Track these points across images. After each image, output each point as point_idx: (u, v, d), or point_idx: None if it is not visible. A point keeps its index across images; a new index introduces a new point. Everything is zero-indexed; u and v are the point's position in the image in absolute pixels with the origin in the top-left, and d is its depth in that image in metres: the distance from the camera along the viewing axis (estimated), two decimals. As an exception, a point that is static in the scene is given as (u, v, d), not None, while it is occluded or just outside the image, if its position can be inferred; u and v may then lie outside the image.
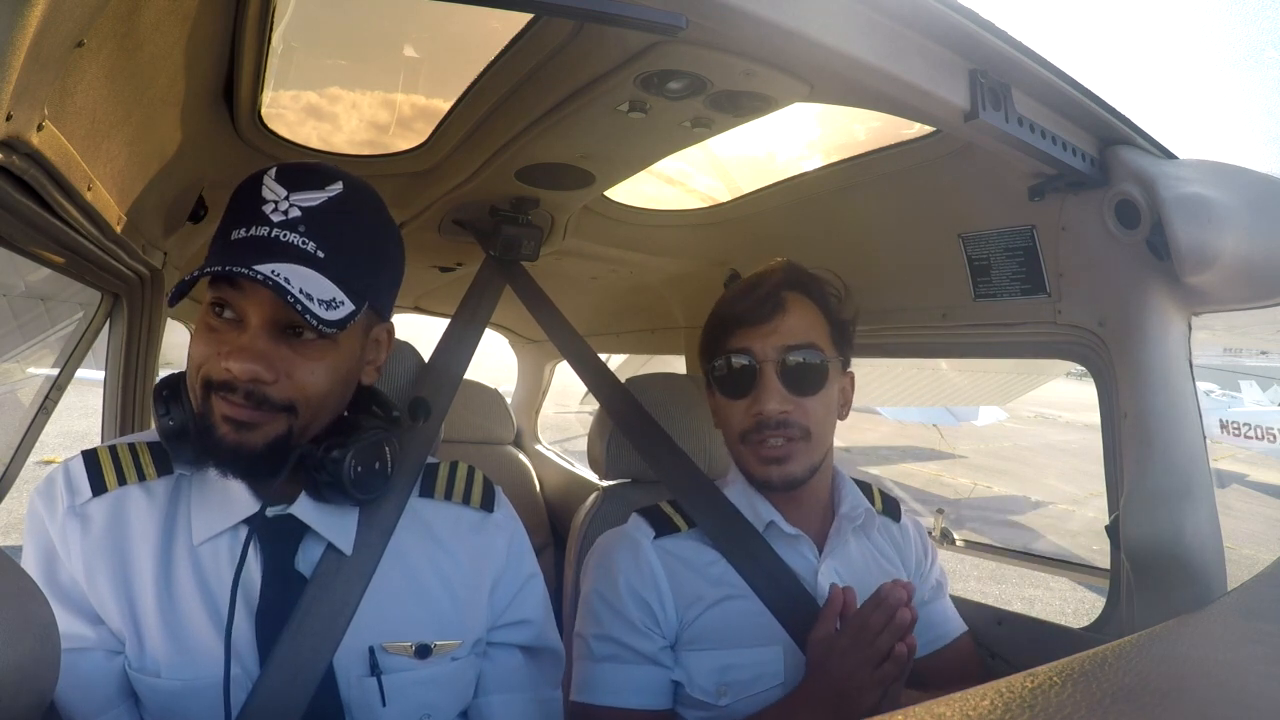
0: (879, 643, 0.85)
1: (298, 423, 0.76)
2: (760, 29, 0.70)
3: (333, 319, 0.71)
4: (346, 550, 0.82)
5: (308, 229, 0.73)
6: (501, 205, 1.50)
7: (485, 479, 0.97)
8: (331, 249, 0.74)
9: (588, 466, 1.61)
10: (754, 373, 1.03)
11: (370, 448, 0.81)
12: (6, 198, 0.74)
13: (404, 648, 0.82)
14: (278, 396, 0.74)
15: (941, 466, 12.27)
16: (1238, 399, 14.73)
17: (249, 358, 0.72)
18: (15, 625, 0.34)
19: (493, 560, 0.91)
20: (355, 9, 1.10)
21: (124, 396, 1.59)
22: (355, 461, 0.79)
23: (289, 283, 0.68)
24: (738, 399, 1.04)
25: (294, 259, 0.72)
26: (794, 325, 1.03)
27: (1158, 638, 0.64)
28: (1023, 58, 0.86)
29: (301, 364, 0.75)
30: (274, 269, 0.69)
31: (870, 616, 0.87)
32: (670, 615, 1.03)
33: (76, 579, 0.77)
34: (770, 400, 1.01)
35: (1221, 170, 0.97)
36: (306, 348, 0.75)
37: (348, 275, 0.75)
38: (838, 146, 1.35)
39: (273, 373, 0.73)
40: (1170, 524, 0.97)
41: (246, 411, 0.73)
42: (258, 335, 0.73)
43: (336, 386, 0.79)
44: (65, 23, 0.57)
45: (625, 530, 1.10)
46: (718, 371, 1.07)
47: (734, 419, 1.05)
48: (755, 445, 1.03)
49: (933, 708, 0.42)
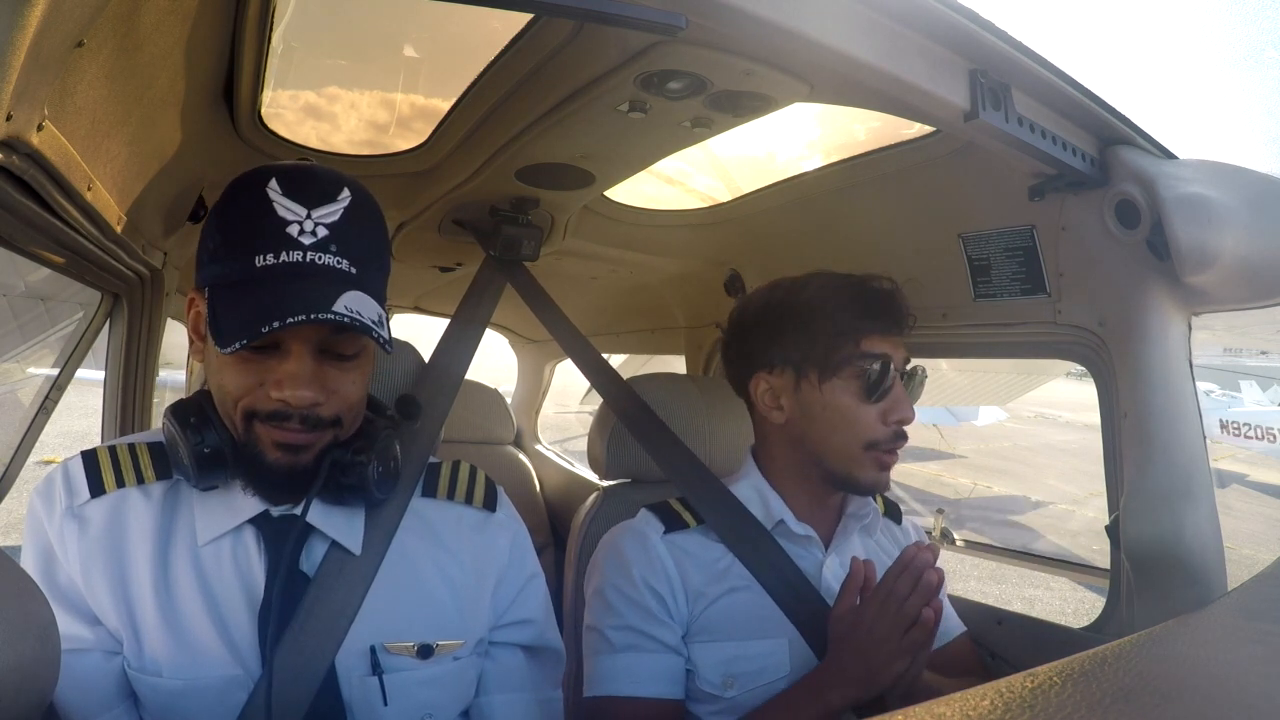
0: (907, 607, 0.86)
1: (342, 433, 0.79)
2: (760, 29, 0.70)
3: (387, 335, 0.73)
4: (355, 550, 0.82)
5: (338, 248, 0.73)
6: (501, 205, 1.50)
7: (487, 479, 0.97)
8: (358, 262, 0.74)
9: (588, 466, 1.61)
10: (893, 380, 1.03)
11: (386, 448, 0.82)
12: (6, 198, 0.74)
13: (406, 648, 0.81)
14: (328, 415, 0.76)
15: (941, 466, 12.26)
16: (1238, 399, 14.73)
17: (302, 385, 0.72)
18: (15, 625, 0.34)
19: (495, 560, 0.91)
20: (355, 9, 1.10)
21: (124, 396, 1.59)
22: (377, 463, 0.80)
23: (360, 314, 0.70)
24: (873, 404, 1.02)
25: (334, 281, 0.72)
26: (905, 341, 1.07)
27: (1158, 638, 0.64)
28: (1023, 58, 0.86)
29: (344, 379, 0.76)
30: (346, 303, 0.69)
31: (897, 581, 0.87)
32: (681, 607, 1.03)
33: (74, 579, 0.77)
34: (909, 410, 1.03)
35: (1221, 170, 0.97)
36: (346, 363, 0.76)
37: (373, 284, 0.76)
38: (838, 146, 1.35)
39: (324, 394, 0.74)
40: (1170, 524, 0.97)
41: (302, 435, 0.75)
42: (305, 361, 0.73)
43: (365, 391, 0.81)
44: (65, 23, 0.57)
45: (634, 525, 1.10)
46: (863, 372, 1.02)
47: (864, 423, 1.02)
48: (883, 454, 1.03)
49: (933, 708, 0.42)
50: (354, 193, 0.76)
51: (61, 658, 0.72)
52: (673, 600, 1.03)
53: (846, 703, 0.89)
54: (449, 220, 1.57)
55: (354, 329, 0.69)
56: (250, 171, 0.75)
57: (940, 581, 0.87)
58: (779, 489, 1.10)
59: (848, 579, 0.93)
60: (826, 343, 1.04)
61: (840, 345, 1.03)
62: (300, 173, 0.75)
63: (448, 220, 1.58)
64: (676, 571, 1.05)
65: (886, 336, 1.04)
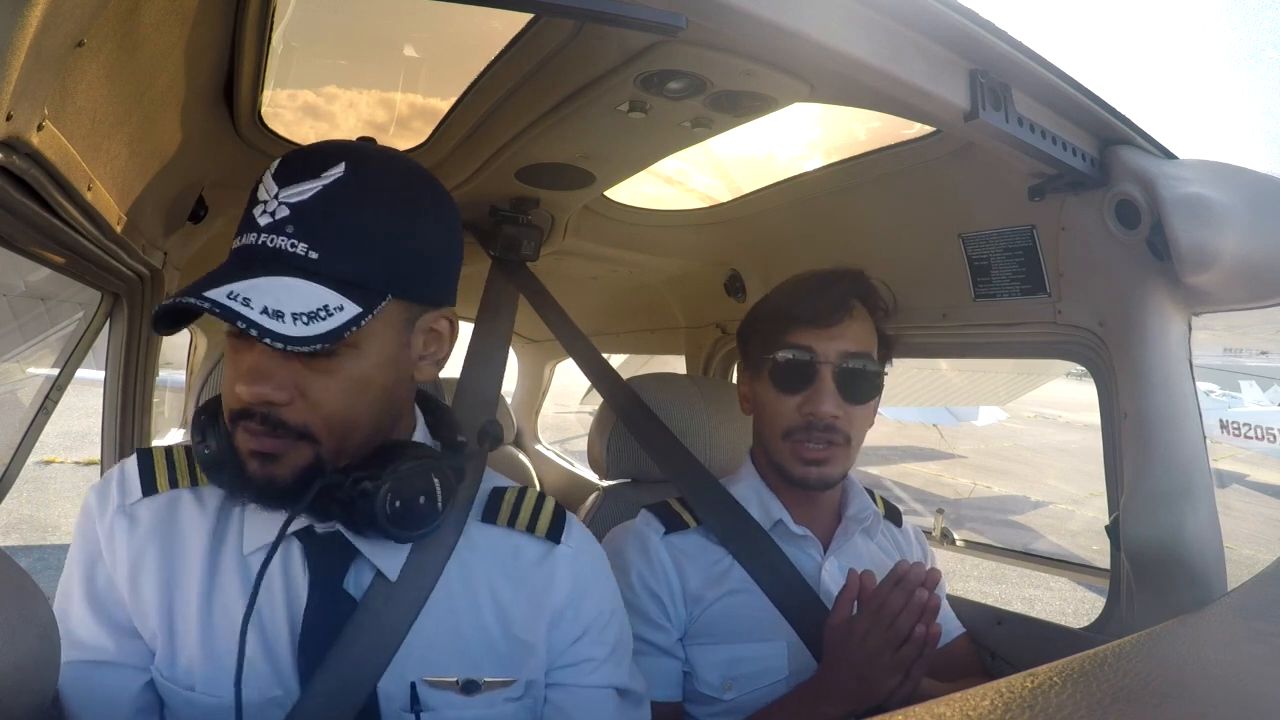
0: (899, 623, 0.85)
1: (324, 449, 0.68)
2: (760, 29, 0.70)
3: (314, 333, 0.61)
4: (391, 576, 0.74)
5: (296, 229, 0.64)
6: (501, 205, 1.50)
7: (557, 508, 0.85)
8: (328, 246, 0.65)
9: (587, 466, 1.61)
10: (812, 372, 1.03)
11: (412, 478, 0.71)
12: (6, 198, 0.74)
13: (449, 682, 0.75)
14: (293, 421, 0.66)
15: (941, 466, 12.26)
16: (1238, 399, 14.73)
17: (255, 379, 0.65)
18: (15, 625, 0.34)
19: (554, 596, 0.81)
20: (355, 9, 1.10)
21: (124, 396, 1.59)
22: (392, 496, 0.69)
23: (249, 303, 0.61)
24: (789, 394, 1.04)
25: (282, 266, 0.64)
26: (856, 333, 1.05)
27: (1158, 638, 0.64)
28: (1023, 58, 0.86)
29: (315, 380, 0.66)
30: (234, 289, 0.62)
31: (889, 596, 0.86)
32: (680, 609, 1.04)
33: (115, 583, 0.74)
34: (825, 402, 1.01)
35: (1221, 170, 0.97)
36: (319, 361, 0.66)
37: (353, 271, 0.65)
38: (838, 146, 1.35)
39: (284, 393, 0.65)
40: (1170, 524, 0.97)
41: (267, 441, 0.67)
42: (263, 352, 0.66)
43: (365, 401, 0.69)
44: (65, 23, 0.57)
45: (635, 526, 1.11)
46: (772, 362, 1.06)
47: (781, 414, 1.05)
48: (798, 444, 1.03)
49: (933, 708, 0.42)
50: (352, 165, 0.67)
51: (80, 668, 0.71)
52: (671, 604, 1.03)
53: (840, 715, 0.89)
54: (449, 220, 1.57)
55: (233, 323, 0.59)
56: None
57: (936, 606, 0.86)
58: (774, 489, 1.10)
59: (843, 590, 0.92)
60: (759, 337, 1.09)
61: (769, 338, 1.07)
62: (306, 150, 0.69)
63: (448, 220, 1.57)
64: (676, 574, 1.05)
65: (814, 328, 1.03)
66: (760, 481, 1.11)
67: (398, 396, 0.75)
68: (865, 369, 1.04)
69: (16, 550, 5.14)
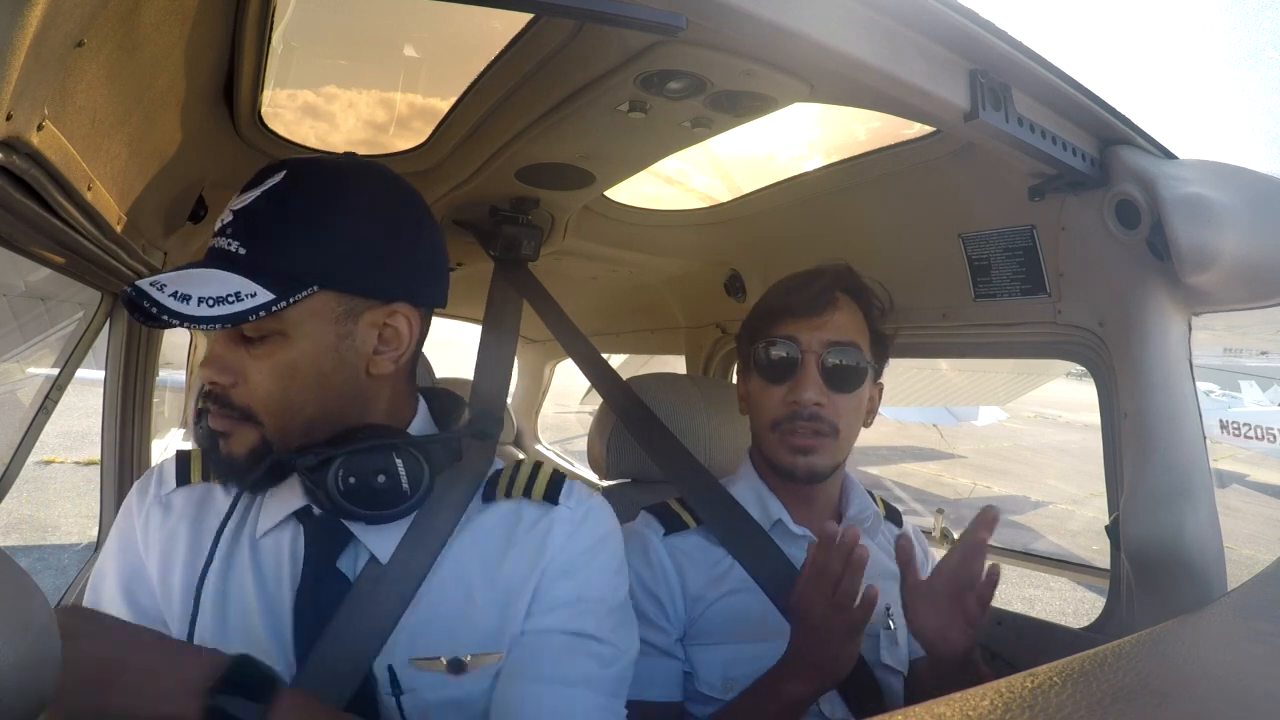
0: (844, 586, 0.84)
1: (268, 430, 0.73)
2: (760, 29, 0.70)
3: (216, 314, 0.66)
4: (382, 558, 0.76)
5: (234, 230, 0.71)
6: (501, 205, 1.50)
7: (554, 473, 0.86)
8: (256, 243, 0.70)
9: (587, 466, 1.61)
10: (795, 362, 1.04)
11: (364, 459, 0.74)
12: (6, 198, 0.74)
13: (436, 662, 0.75)
14: (238, 402, 0.72)
15: (941, 466, 12.26)
16: (1238, 399, 14.73)
17: (206, 364, 0.73)
18: (15, 625, 0.34)
19: (547, 553, 0.79)
20: (355, 9, 1.10)
21: (124, 396, 1.59)
22: (344, 473, 0.73)
23: (164, 289, 0.66)
24: (775, 385, 1.05)
25: (218, 263, 0.70)
26: (841, 323, 1.05)
27: (1158, 638, 0.64)
28: (1023, 58, 0.86)
29: (252, 365, 0.72)
30: (157, 278, 0.68)
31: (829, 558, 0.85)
32: (679, 610, 1.04)
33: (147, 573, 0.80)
34: (808, 390, 1.02)
35: (1221, 170, 0.97)
36: (255, 348, 0.72)
37: (276, 263, 0.70)
38: (838, 146, 1.35)
39: (228, 376, 0.72)
40: (1170, 524, 0.97)
41: (221, 420, 0.73)
42: (215, 341, 0.73)
43: (298, 386, 0.73)
44: (65, 23, 0.57)
45: (635, 528, 1.11)
46: (759, 355, 1.08)
47: (768, 405, 1.06)
48: (785, 433, 1.04)
49: (933, 708, 0.42)
50: (292, 173, 0.72)
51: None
52: (670, 604, 1.03)
53: (804, 693, 0.88)
54: (449, 220, 1.58)
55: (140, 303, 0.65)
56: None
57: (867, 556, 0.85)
58: (774, 489, 1.10)
59: (803, 566, 0.91)
60: (750, 334, 1.10)
61: (757, 335, 1.08)
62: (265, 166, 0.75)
63: (448, 220, 1.58)
64: (676, 575, 1.05)
65: (799, 319, 1.05)
66: (760, 481, 1.11)
67: (347, 388, 0.76)
68: (848, 359, 1.04)
69: (16, 550, 5.14)
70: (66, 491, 6.77)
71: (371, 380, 0.78)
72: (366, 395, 0.79)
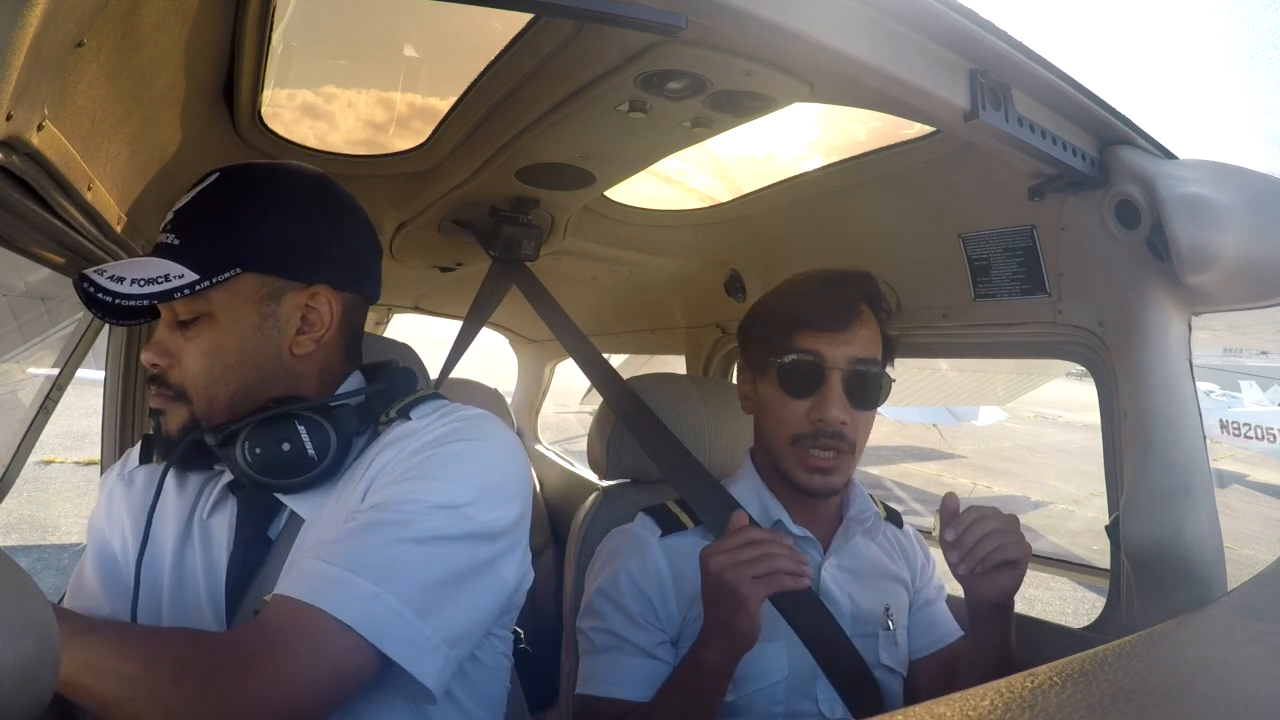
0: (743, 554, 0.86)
1: (197, 408, 0.79)
2: (760, 29, 0.70)
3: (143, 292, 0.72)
4: (305, 515, 0.78)
5: (173, 226, 0.79)
6: (501, 205, 1.50)
7: (422, 395, 0.86)
8: (187, 233, 0.78)
9: (587, 466, 1.61)
10: (820, 378, 1.02)
11: (267, 429, 0.75)
12: (6, 198, 0.74)
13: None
14: (173, 381, 0.79)
15: (941, 466, 12.26)
16: (1238, 399, 14.73)
17: (149, 348, 0.79)
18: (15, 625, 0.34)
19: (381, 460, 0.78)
20: (355, 9, 1.10)
21: (124, 396, 1.59)
22: (249, 445, 0.75)
23: (103, 273, 0.73)
24: (796, 399, 1.03)
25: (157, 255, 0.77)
26: (865, 338, 1.04)
27: (1158, 638, 0.64)
28: (1023, 58, 0.86)
29: (185, 347, 0.78)
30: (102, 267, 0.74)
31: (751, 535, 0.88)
32: (672, 612, 1.03)
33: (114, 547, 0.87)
34: (833, 409, 1.00)
35: (1221, 170, 0.97)
36: (187, 330, 0.79)
37: (204, 251, 0.77)
38: (838, 146, 1.35)
39: (165, 358, 0.79)
40: (1170, 524, 0.97)
41: (159, 399, 0.80)
42: (161, 327, 0.81)
43: (222, 364, 0.78)
44: (65, 23, 0.57)
45: (632, 529, 1.11)
46: (781, 367, 1.04)
47: (788, 418, 1.04)
48: (804, 451, 1.02)
49: (933, 708, 0.42)
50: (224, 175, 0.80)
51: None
52: (661, 606, 1.03)
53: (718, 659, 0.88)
54: (449, 220, 1.57)
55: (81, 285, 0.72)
56: None
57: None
58: (774, 490, 1.10)
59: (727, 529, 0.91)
60: (765, 338, 1.08)
61: (772, 339, 1.06)
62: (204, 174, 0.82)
63: (448, 220, 1.58)
64: (671, 577, 1.04)
65: (824, 333, 1.02)
66: (760, 482, 1.11)
67: (270, 366, 0.81)
68: (872, 374, 1.03)
69: (16, 550, 5.14)
70: (67, 491, 6.77)
71: (296, 360, 0.82)
72: (292, 374, 0.83)
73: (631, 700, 0.99)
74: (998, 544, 0.89)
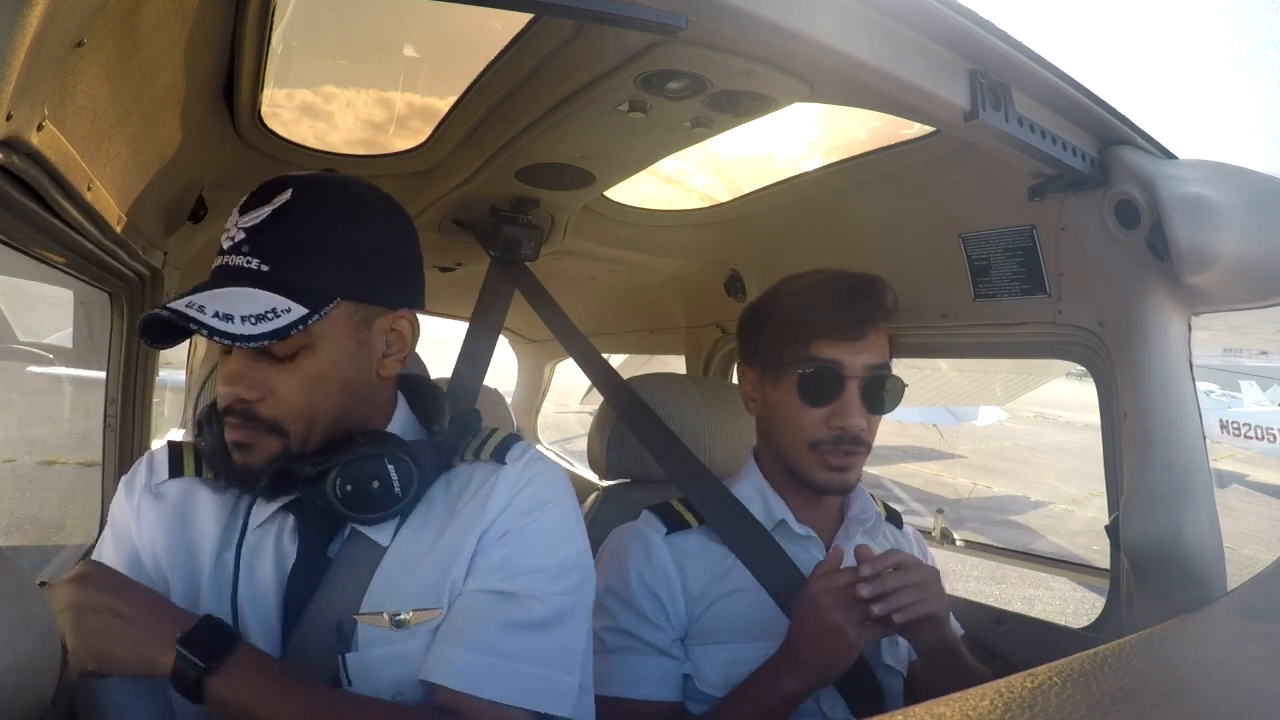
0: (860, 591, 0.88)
1: (292, 441, 0.77)
2: (760, 29, 0.70)
3: (260, 331, 0.70)
4: (383, 542, 0.80)
5: (251, 248, 0.74)
6: (501, 205, 1.50)
7: (506, 436, 0.89)
8: (276, 260, 0.74)
9: (587, 466, 1.61)
10: (840, 387, 1.02)
11: (361, 467, 0.77)
12: (6, 198, 0.74)
13: (379, 618, 0.77)
14: (265, 414, 0.76)
15: (941, 466, 12.26)
16: (1238, 399, 14.72)
17: (229, 380, 0.76)
18: (15, 625, 0.35)
19: (489, 513, 0.81)
20: (355, 9, 1.10)
21: (124, 396, 1.59)
22: (341, 481, 0.76)
23: (203, 310, 0.70)
24: (815, 407, 1.03)
25: (240, 280, 0.73)
26: (879, 345, 1.04)
27: (1158, 638, 0.64)
28: (1023, 58, 0.86)
29: (278, 378, 0.75)
30: (191, 300, 0.71)
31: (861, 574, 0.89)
32: (680, 610, 1.03)
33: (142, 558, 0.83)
34: (853, 416, 1.01)
35: (1221, 170, 0.97)
36: (281, 362, 0.75)
37: (300, 279, 0.74)
38: (838, 146, 1.35)
39: (255, 391, 0.75)
40: (1170, 524, 0.97)
41: (243, 432, 0.76)
42: (235, 357, 0.76)
43: (324, 394, 0.77)
44: (65, 23, 0.57)
45: (637, 527, 1.11)
46: (800, 376, 1.04)
47: (806, 425, 1.04)
48: (825, 454, 1.03)
49: (933, 708, 0.42)
50: (298, 192, 0.76)
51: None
52: (670, 603, 1.03)
53: (799, 689, 0.90)
54: (449, 220, 1.58)
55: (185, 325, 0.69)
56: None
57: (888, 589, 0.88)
58: (778, 489, 1.10)
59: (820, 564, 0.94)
60: (777, 342, 1.07)
61: (788, 346, 1.05)
62: (262, 185, 0.78)
63: (448, 220, 1.58)
64: (677, 575, 1.05)
65: (841, 341, 1.02)
66: (764, 481, 1.11)
67: (362, 390, 0.82)
68: (888, 380, 1.05)
69: (18, 550, 5.14)
70: (68, 492, 6.77)
71: (380, 382, 0.83)
72: (373, 394, 0.84)
73: (645, 700, 0.99)
74: (915, 598, 0.88)
